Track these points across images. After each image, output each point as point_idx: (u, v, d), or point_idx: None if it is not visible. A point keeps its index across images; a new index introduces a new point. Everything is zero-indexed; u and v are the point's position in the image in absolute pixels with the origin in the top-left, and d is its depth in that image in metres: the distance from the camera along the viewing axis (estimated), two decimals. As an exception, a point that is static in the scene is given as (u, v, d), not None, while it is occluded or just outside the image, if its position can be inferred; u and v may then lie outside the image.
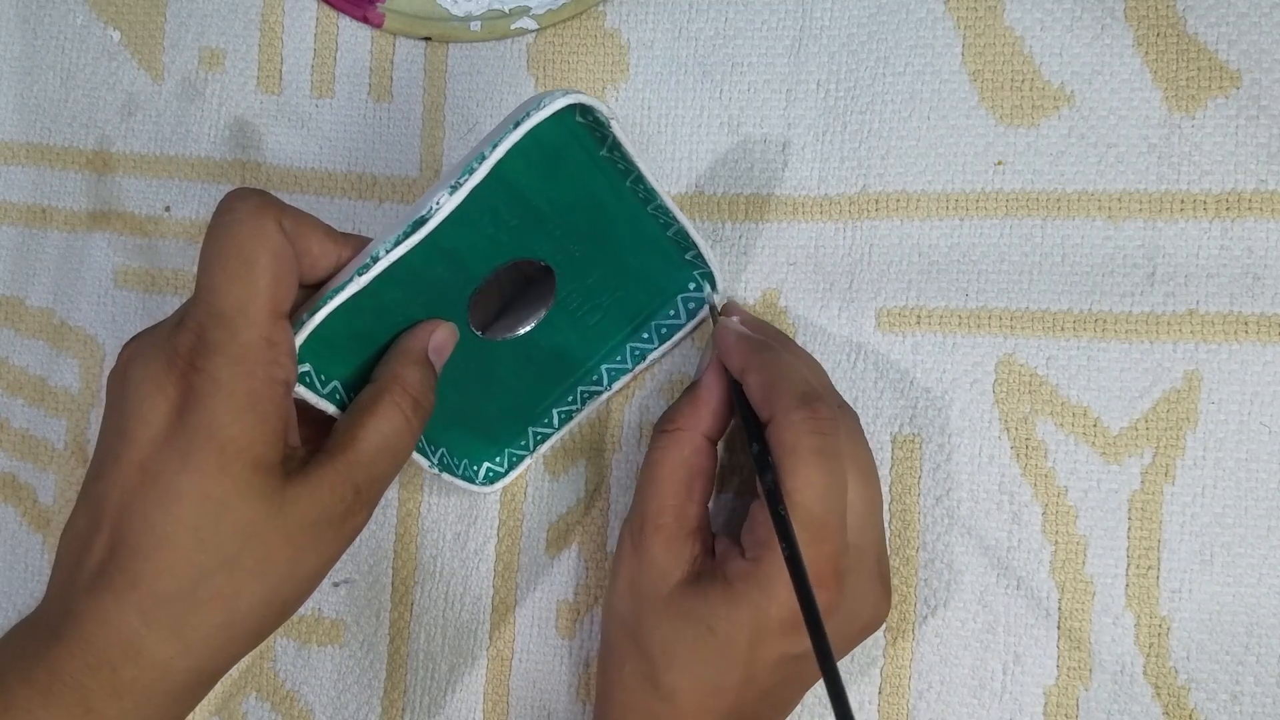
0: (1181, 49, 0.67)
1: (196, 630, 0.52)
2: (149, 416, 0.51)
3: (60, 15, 0.78)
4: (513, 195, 0.59)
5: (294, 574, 0.54)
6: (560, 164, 0.59)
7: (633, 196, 0.63)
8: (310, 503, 0.53)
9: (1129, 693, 0.65)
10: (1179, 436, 0.66)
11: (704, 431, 0.64)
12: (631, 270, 0.67)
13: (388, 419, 0.56)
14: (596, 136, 0.59)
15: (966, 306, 0.68)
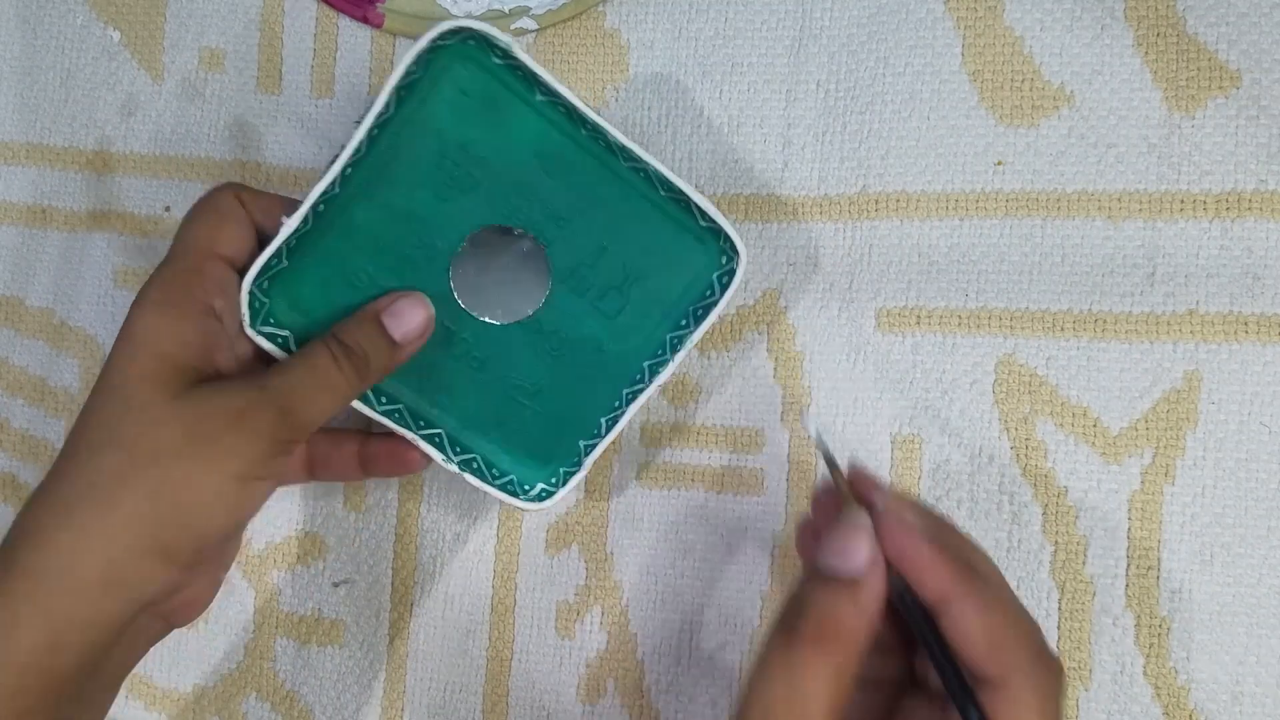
0: (1181, 49, 0.67)
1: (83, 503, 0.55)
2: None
3: (60, 15, 0.78)
4: (457, 149, 0.62)
5: (187, 460, 0.55)
6: (499, 112, 0.62)
7: (600, 148, 0.63)
8: (213, 397, 0.57)
9: (1129, 693, 0.65)
10: (1179, 436, 0.66)
11: (861, 647, 0.49)
12: (644, 245, 0.66)
13: (310, 349, 0.60)
14: (525, 79, 0.61)
15: (966, 307, 0.68)
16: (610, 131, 0.62)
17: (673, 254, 0.66)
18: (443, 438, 0.67)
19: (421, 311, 0.63)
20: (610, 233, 0.65)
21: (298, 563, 0.75)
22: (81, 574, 0.54)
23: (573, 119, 0.63)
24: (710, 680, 0.70)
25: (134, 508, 0.54)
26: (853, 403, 0.69)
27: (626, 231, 0.65)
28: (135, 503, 0.54)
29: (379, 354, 0.62)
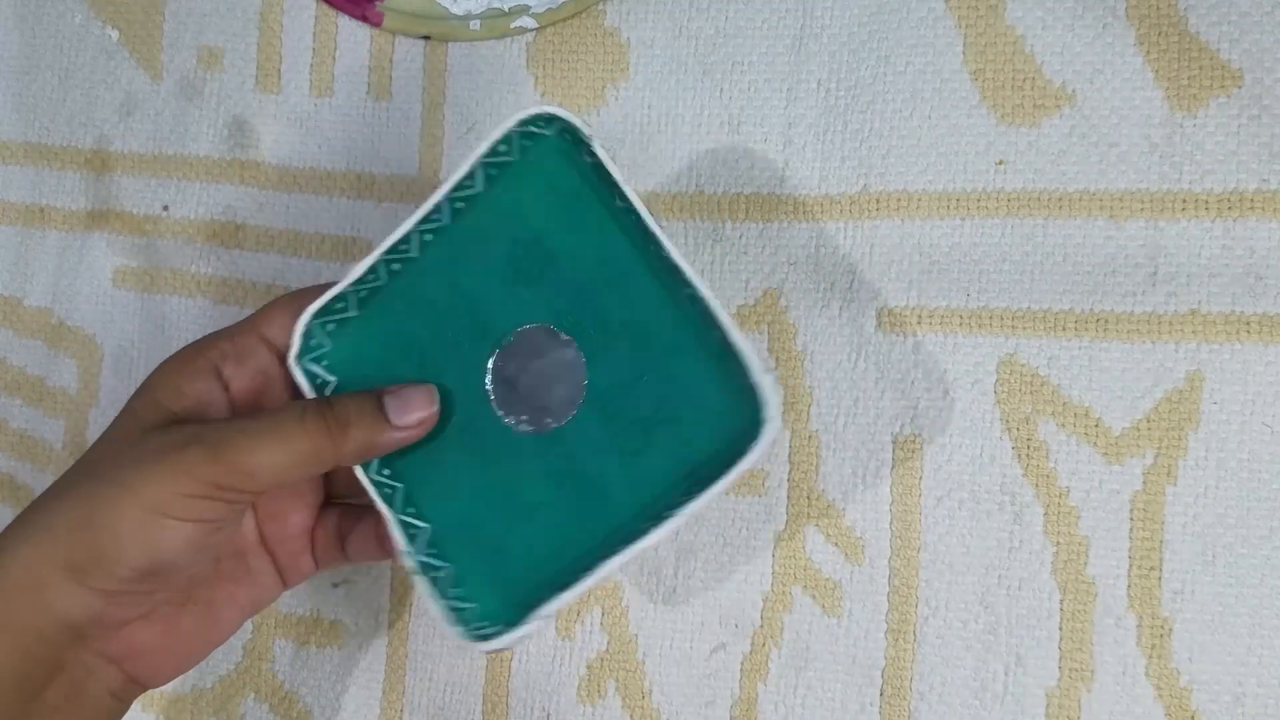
0: (1183, 48, 0.67)
1: (56, 519, 0.56)
2: None
3: (59, 14, 0.78)
4: (533, 241, 0.61)
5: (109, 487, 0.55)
6: (579, 211, 0.61)
7: (664, 272, 0.60)
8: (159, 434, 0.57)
9: (1131, 694, 0.65)
10: (1181, 437, 0.65)
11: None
12: (683, 387, 0.60)
13: (287, 405, 0.59)
14: (608, 182, 0.59)
15: (968, 306, 0.67)
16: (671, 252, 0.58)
17: (708, 406, 0.60)
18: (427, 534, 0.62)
19: (426, 405, 0.61)
20: (652, 366, 0.61)
21: (297, 563, 0.75)
22: (9, 577, 0.55)
23: (643, 233, 0.59)
24: (711, 680, 0.70)
25: (60, 526, 0.55)
26: (854, 403, 0.69)
27: (669, 369, 0.60)
28: (60, 522, 0.55)
29: (364, 423, 0.59)
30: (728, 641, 0.69)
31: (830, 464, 0.69)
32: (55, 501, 0.56)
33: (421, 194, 0.74)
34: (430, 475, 0.62)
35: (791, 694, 0.68)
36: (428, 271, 0.63)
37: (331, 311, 0.61)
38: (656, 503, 0.59)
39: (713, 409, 0.59)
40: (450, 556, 0.61)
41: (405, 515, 0.61)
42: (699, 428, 0.60)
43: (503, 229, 0.62)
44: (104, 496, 0.55)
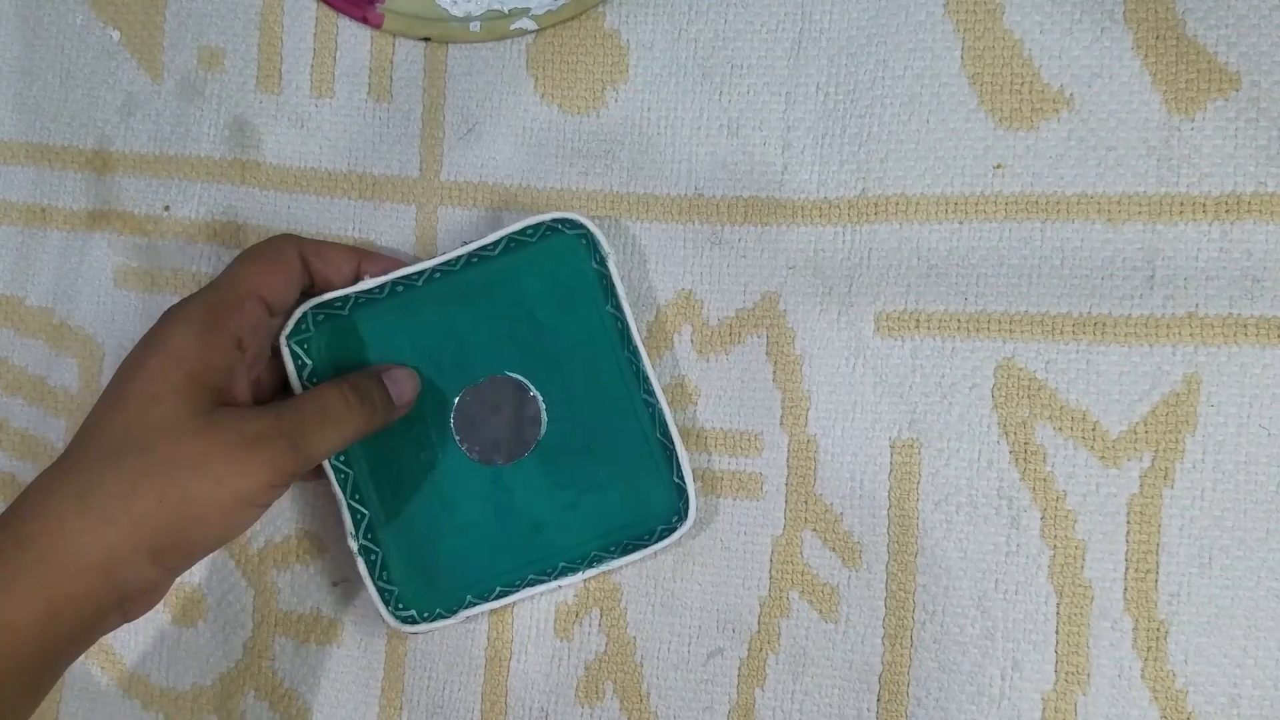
0: (1181, 51, 0.66)
1: (97, 493, 0.58)
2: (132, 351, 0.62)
3: (60, 15, 0.78)
4: (526, 309, 0.71)
5: (200, 470, 0.58)
6: (574, 303, 0.71)
7: (630, 374, 0.70)
8: (232, 419, 0.60)
9: (1127, 696, 0.65)
10: (1178, 440, 0.66)
11: None
12: (621, 466, 0.71)
13: (325, 387, 0.65)
14: (605, 288, 0.70)
15: (966, 310, 0.67)
16: (645, 363, 0.69)
17: (638, 487, 0.71)
18: (365, 519, 0.70)
19: (413, 382, 0.70)
20: (600, 440, 0.71)
21: (296, 562, 0.75)
22: (85, 557, 0.57)
23: (622, 337, 0.70)
24: (708, 684, 0.70)
25: (143, 508, 0.57)
26: (852, 407, 0.69)
27: (613, 447, 0.71)
28: (145, 504, 0.57)
29: (382, 408, 0.67)
30: (725, 646, 0.70)
31: (828, 468, 0.69)
32: (126, 482, 0.58)
33: (422, 195, 0.74)
34: (381, 472, 0.72)
35: (789, 699, 0.69)
36: (427, 301, 0.71)
37: (328, 306, 0.69)
38: (579, 550, 0.71)
39: (640, 492, 0.71)
40: (382, 544, 0.71)
41: (351, 500, 0.70)
42: (624, 501, 0.71)
43: (505, 292, 0.71)
44: (195, 487, 0.58)
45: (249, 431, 0.60)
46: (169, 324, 0.62)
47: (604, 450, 0.71)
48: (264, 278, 0.65)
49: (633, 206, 0.71)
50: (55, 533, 0.57)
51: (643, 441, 0.70)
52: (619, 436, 0.71)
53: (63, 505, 0.57)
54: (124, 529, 0.57)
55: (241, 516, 0.61)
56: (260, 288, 0.65)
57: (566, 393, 0.71)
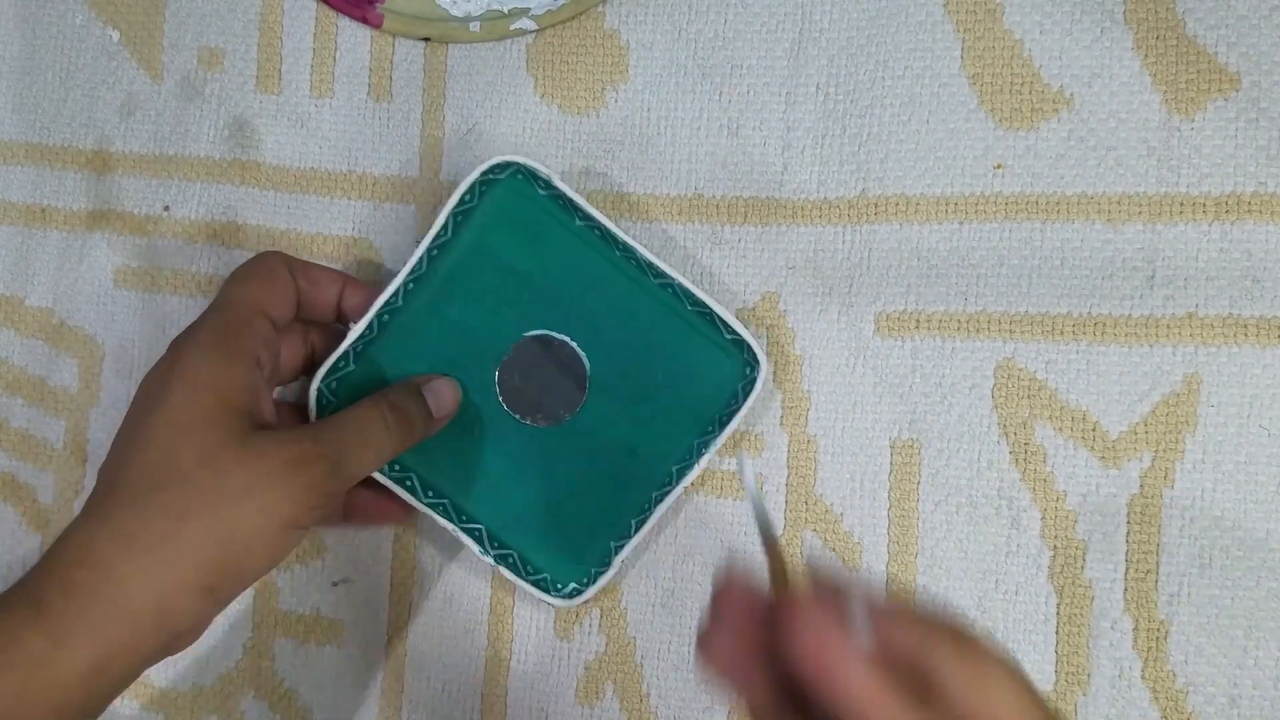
0: (1181, 52, 0.67)
1: (143, 534, 0.56)
2: (147, 385, 0.61)
3: (59, 15, 0.78)
4: (507, 269, 0.71)
5: (244, 502, 0.57)
6: (543, 238, 0.71)
7: (631, 267, 0.70)
8: (271, 445, 0.59)
9: (1127, 697, 0.65)
10: (1178, 440, 0.66)
11: None
12: (672, 356, 0.71)
13: (363, 406, 0.64)
14: (565, 207, 0.70)
15: (966, 310, 0.68)
16: (640, 251, 0.68)
17: (699, 364, 0.70)
18: (482, 533, 0.70)
19: (453, 392, 0.69)
20: (642, 344, 0.71)
21: (296, 562, 0.75)
22: (135, 604, 0.56)
23: (607, 241, 0.69)
24: (709, 688, 0.70)
25: (190, 545, 0.56)
26: (851, 407, 0.69)
27: (657, 343, 0.71)
28: (192, 541, 0.56)
29: (421, 422, 0.66)
30: (726, 646, 0.70)
31: (828, 468, 0.69)
32: (170, 519, 0.57)
33: (422, 195, 0.74)
34: (470, 484, 0.71)
35: (789, 699, 0.69)
36: (415, 315, 0.71)
37: (335, 371, 0.69)
38: (681, 449, 0.71)
39: (702, 366, 0.70)
40: (513, 544, 0.71)
41: (462, 524, 0.70)
42: (694, 383, 0.71)
43: (477, 263, 0.71)
44: (240, 519, 0.57)
45: (289, 456, 0.59)
46: (184, 352, 0.61)
47: (651, 351, 0.71)
48: (264, 294, 0.64)
49: (633, 206, 0.71)
50: (103, 579, 0.55)
51: (680, 323, 0.70)
52: (657, 331, 0.70)
53: (108, 550, 0.56)
54: (173, 569, 0.56)
55: (286, 542, 0.60)
56: (263, 304, 0.64)
57: (588, 321, 0.71)
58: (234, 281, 0.65)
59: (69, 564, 0.56)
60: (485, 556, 0.69)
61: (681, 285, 0.68)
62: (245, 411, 0.60)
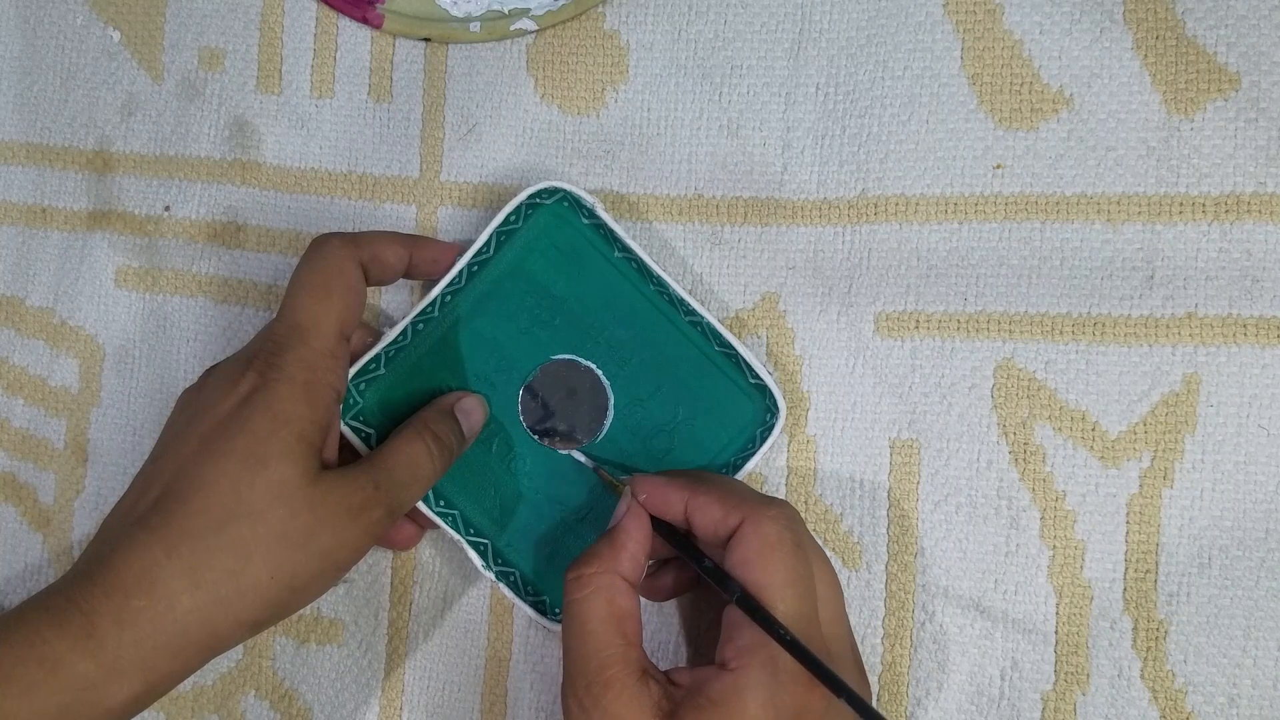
0: (1181, 52, 0.67)
1: (209, 570, 0.56)
2: (220, 402, 0.60)
3: (60, 15, 0.78)
4: (540, 290, 0.71)
5: (308, 546, 0.58)
6: (581, 264, 0.71)
7: (663, 302, 0.70)
8: (338, 488, 0.59)
9: (1126, 696, 0.65)
10: (1177, 440, 0.66)
11: (622, 573, 0.60)
12: (695, 393, 0.70)
13: (410, 441, 0.64)
14: (606, 237, 0.70)
15: (965, 310, 0.68)
16: (673, 287, 0.69)
17: (720, 404, 0.70)
18: (487, 548, 0.70)
19: (482, 410, 0.70)
20: (666, 378, 0.71)
21: (297, 562, 0.75)
22: (190, 638, 0.56)
23: (643, 274, 0.70)
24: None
25: (253, 583, 0.57)
26: (851, 407, 0.69)
27: (681, 379, 0.70)
28: (256, 579, 0.57)
29: (457, 445, 0.67)
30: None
31: (828, 468, 0.69)
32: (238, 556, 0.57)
33: (422, 195, 0.74)
34: (484, 499, 0.71)
35: (788, 699, 0.69)
36: (450, 327, 0.71)
37: (365, 373, 0.70)
38: None
39: (723, 407, 0.70)
40: (516, 563, 0.71)
41: (469, 536, 0.70)
42: (713, 423, 0.70)
43: (514, 283, 0.71)
44: (303, 563, 0.58)
45: (354, 504, 0.60)
46: (270, 381, 0.60)
47: (675, 387, 0.70)
48: (345, 313, 0.63)
49: (633, 207, 0.72)
50: (164, 615, 0.55)
51: (706, 362, 0.70)
52: (682, 367, 0.70)
53: (174, 585, 0.55)
54: (232, 608, 0.56)
55: (335, 579, 0.61)
56: (345, 327, 0.63)
57: (616, 350, 0.71)
58: (307, 292, 0.63)
59: (128, 591, 0.55)
60: (487, 572, 0.69)
61: (710, 325, 0.68)
62: (318, 448, 0.60)
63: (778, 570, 0.57)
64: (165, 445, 0.62)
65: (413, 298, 0.74)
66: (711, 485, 0.62)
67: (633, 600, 0.60)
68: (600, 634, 0.58)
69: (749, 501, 0.60)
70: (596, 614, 0.59)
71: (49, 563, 0.76)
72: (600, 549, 0.61)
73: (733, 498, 0.60)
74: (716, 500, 0.60)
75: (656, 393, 0.70)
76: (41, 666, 0.54)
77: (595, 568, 0.60)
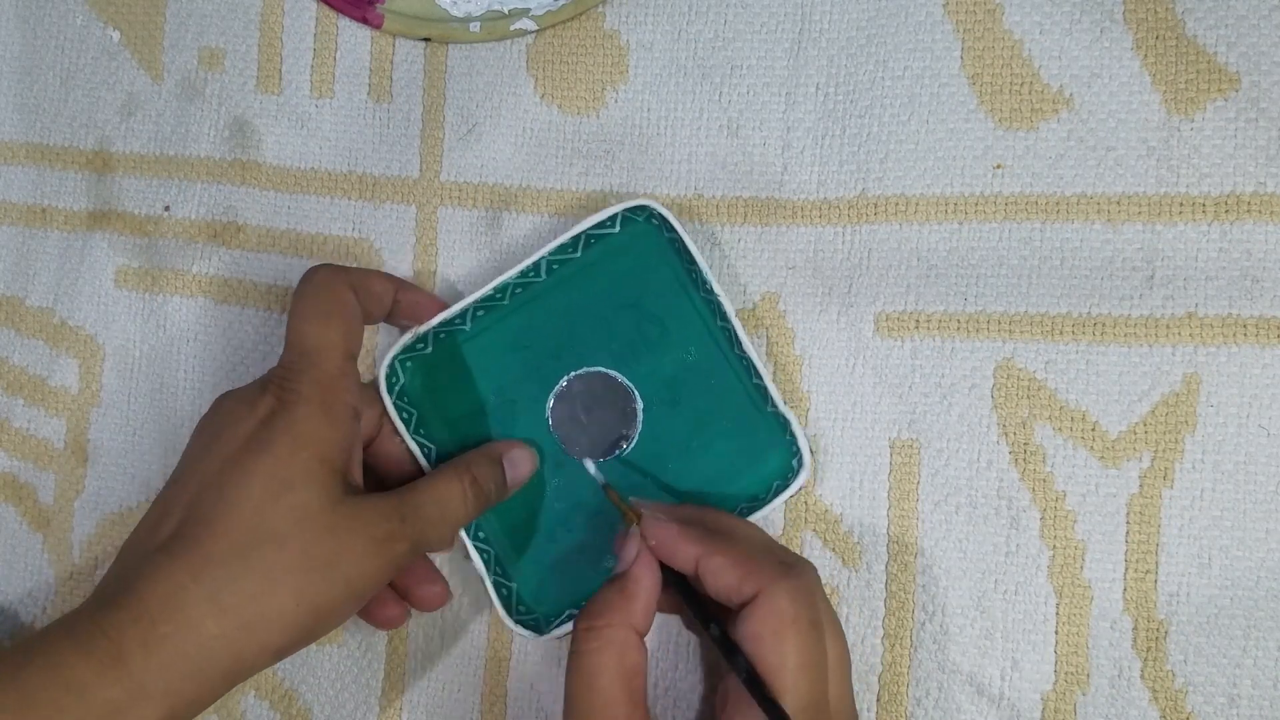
0: (1181, 51, 0.67)
1: (234, 595, 0.56)
2: (239, 425, 0.60)
3: (60, 15, 0.78)
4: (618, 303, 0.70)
5: (331, 572, 0.58)
6: (654, 276, 0.70)
7: (723, 337, 0.69)
8: (363, 515, 0.60)
9: (1126, 696, 0.65)
10: (1177, 440, 0.66)
11: (634, 625, 0.60)
12: (731, 429, 0.69)
13: (445, 480, 0.64)
14: (685, 262, 0.69)
15: (965, 310, 0.68)
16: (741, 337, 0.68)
17: (751, 447, 0.69)
18: (490, 556, 0.70)
19: (531, 463, 0.69)
20: (707, 406, 0.70)
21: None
22: (213, 663, 0.56)
23: (710, 305, 0.69)
24: (707, 683, 0.70)
25: (278, 613, 0.57)
26: (851, 407, 0.69)
27: (722, 410, 0.70)
28: (280, 605, 0.57)
29: (496, 493, 0.67)
30: (725, 646, 0.70)
31: (827, 468, 0.69)
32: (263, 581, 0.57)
33: (422, 195, 0.74)
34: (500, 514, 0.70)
35: (788, 699, 0.69)
36: (512, 313, 0.71)
37: (410, 350, 0.70)
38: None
39: (754, 451, 0.69)
40: (515, 578, 0.70)
41: (476, 541, 0.69)
42: (740, 463, 0.69)
43: (590, 289, 0.70)
44: (326, 591, 0.58)
45: (379, 535, 0.59)
46: (293, 407, 0.60)
47: (713, 416, 0.70)
48: (348, 336, 0.64)
49: (632, 207, 0.72)
50: (189, 640, 0.55)
51: (749, 405, 0.69)
52: (726, 401, 0.69)
53: (200, 610, 0.55)
54: (257, 634, 0.56)
55: (356, 607, 0.61)
56: (350, 348, 0.64)
57: (663, 381, 0.70)
58: (309, 320, 0.64)
59: (154, 617, 0.55)
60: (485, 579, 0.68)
61: (756, 369, 0.68)
62: (341, 471, 0.61)
63: (791, 653, 0.57)
64: (184, 469, 0.61)
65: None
66: (727, 543, 0.61)
67: (642, 654, 0.60)
68: (608, 692, 0.58)
69: (766, 570, 0.59)
70: (607, 670, 0.59)
71: (49, 563, 0.77)
72: (612, 598, 0.61)
73: (749, 564, 0.59)
74: (732, 565, 0.59)
75: (694, 420, 0.70)
76: (68, 692, 0.53)
77: (607, 620, 0.60)
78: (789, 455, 0.68)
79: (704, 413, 0.70)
